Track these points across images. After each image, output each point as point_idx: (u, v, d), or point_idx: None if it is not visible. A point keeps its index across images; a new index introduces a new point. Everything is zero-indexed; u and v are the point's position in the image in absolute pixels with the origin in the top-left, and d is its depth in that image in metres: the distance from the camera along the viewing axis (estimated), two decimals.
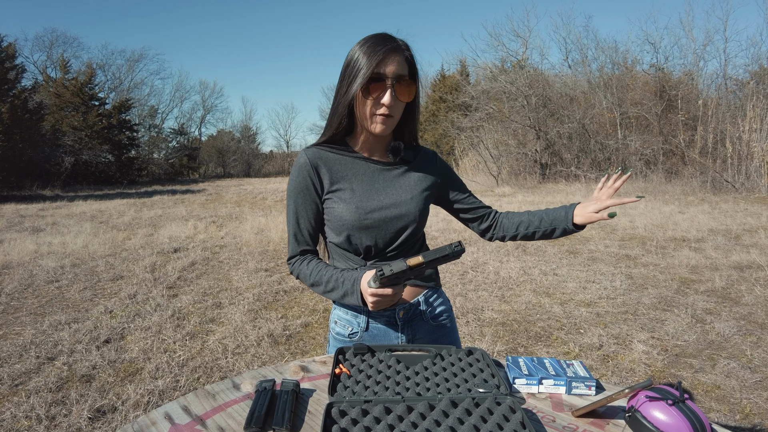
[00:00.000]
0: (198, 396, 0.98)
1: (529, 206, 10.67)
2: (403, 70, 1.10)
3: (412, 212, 1.20)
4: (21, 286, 4.95)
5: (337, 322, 1.28)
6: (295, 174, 1.20)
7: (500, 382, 0.96)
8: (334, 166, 1.19)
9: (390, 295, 1.02)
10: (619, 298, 4.30)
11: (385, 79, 1.08)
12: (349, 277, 1.12)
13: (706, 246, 6.17)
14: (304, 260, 1.21)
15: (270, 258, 6.16)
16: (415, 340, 1.26)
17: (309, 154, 1.19)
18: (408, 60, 1.12)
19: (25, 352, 3.30)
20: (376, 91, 1.09)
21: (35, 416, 2.46)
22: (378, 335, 1.24)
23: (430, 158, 1.30)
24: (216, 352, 3.31)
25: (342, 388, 0.96)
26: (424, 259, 0.99)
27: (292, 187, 1.21)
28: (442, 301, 1.32)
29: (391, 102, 1.09)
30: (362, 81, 1.07)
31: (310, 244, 1.23)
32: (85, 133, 23.23)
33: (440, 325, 1.29)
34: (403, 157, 1.24)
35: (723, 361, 3.02)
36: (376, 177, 1.20)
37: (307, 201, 1.19)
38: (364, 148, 1.22)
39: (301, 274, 1.20)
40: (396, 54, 1.09)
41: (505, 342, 3.43)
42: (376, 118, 1.12)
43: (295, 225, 1.21)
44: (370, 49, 1.08)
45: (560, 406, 0.95)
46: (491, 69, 19.99)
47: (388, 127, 1.14)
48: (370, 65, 1.06)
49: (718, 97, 15.19)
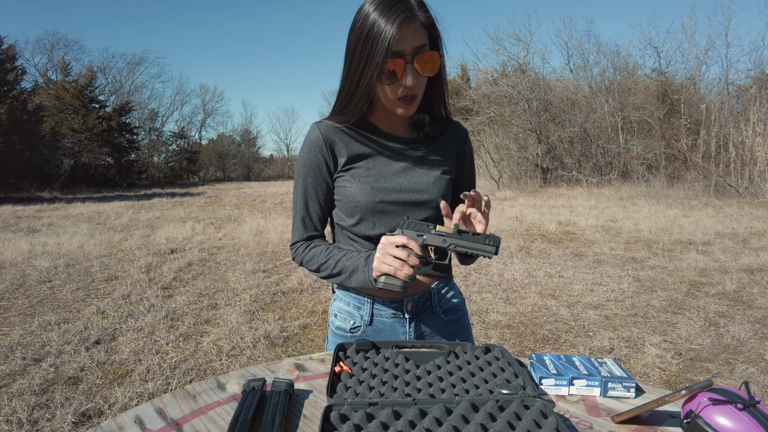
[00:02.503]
0: (176, 397, 0.85)
1: (531, 210, 10.55)
2: (422, 39, 0.92)
3: (434, 198, 1.06)
4: (12, 286, 4.81)
5: (337, 315, 1.14)
6: (306, 150, 1.06)
7: (526, 383, 0.83)
8: (349, 142, 1.05)
9: (403, 244, 0.90)
10: (627, 301, 4.16)
11: (404, 57, 0.91)
12: (364, 254, 1.00)
13: (714, 249, 6.04)
14: (310, 245, 1.08)
15: (268, 259, 6.02)
16: (425, 336, 1.13)
17: (322, 128, 1.05)
18: (424, 24, 0.92)
19: (11, 353, 3.16)
20: (395, 73, 0.92)
21: (16, 420, 2.32)
22: (383, 330, 1.10)
23: (459, 136, 1.13)
24: (210, 354, 3.17)
25: (343, 388, 0.83)
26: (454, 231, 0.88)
27: (302, 165, 1.07)
28: (455, 293, 1.17)
29: (413, 82, 0.92)
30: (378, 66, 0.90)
31: (319, 229, 1.11)
32: (85, 136, 23.13)
33: (453, 320, 1.15)
34: (428, 133, 1.08)
35: (741, 366, 2.88)
36: (397, 156, 1.06)
37: (317, 181, 1.06)
38: (383, 122, 1.07)
39: (305, 260, 1.08)
40: (411, 22, 0.89)
41: (511, 345, 3.29)
42: (397, 102, 0.96)
43: (303, 208, 1.08)
44: (379, 21, 0.89)
45: (596, 411, 0.82)
46: (492, 73, 19.91)
47: (412, 108, 0.98)
48: (384, 47, 0.88)
49: (720, 101, 15.10)
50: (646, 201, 11.35)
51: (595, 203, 11.37)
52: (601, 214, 9.45)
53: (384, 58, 0.89)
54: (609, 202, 11.46)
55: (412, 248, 0.91)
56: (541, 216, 9.33)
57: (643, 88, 17.42)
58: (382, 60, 0.89)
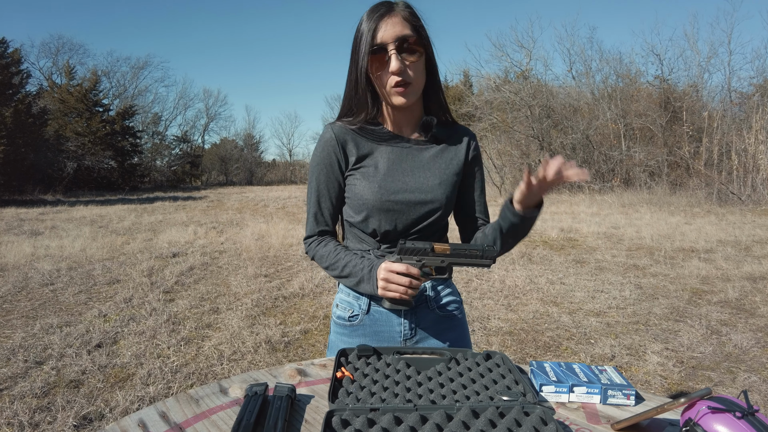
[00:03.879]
0: (179, 401, 0.86)
1: None
2: (403, 30, 1.00)
3: (438, 199, 1.10)
4: (14, 289, 4.83)
5: (338, 305, 1.19)
6: (320, 149, 1.12)
7: (526, 390, 0.83)
8: (360, 142, 1.10)
9: (403, 272, 0.95)
10: (629, 308, 4.15)
11: (386, 46, 1.00)
12: (367, 264, 1.05)
13: (716, 257, 6.02)
14: (322, 241, 1.14)
15: (270, 264, 6.03)
16: (419, 329, 1.15)
17: (335, 128, 1.11)
18: (406, 18, 1.02)
19: (12, 355, 3.17)
20: (380, 62, 1.01)
21: (18, 423, 2.33)
22: (380, 319, 1.14)
23: (466, 139, 1.17)
24: (211, 358, 3.18)
25: (344, 394, 0.84)
26: (451, 249, 0.90)
27: (315, 164, 1.13)
28: (451, 291, 1.20)
29: (399, 67, 0.99)
30: (365, 58, 1.01)
31: (330, 224, 1.16)
32: (88, 139, 23.25)
33: (447, 315, 1.18)
34: (435, 134, 1.13)
35: (743, 375, 2.87)
36: (404, 156, 1.11)
37: (330, 179, 1.12)
38: (392, 124, 1.12)
39: (316, 256, 1.14)
40: (390, 17, 1.00)
41: (512, 351, 3.28)
42: (392, 90, 1.03)
43: (316, 204, 1.14)
44: (366, 23, 1.02)
45: (596, 418, 0.83)
46: (495, 79, 19.97)
47: (408, 96, 1.03)
48: (367, 40, 1.00)
49: (722, 109, 15.11)
50: (649, 208, 11.34)
51: (597, 210, 11.37)
52: (603, 221, 9.45)
53: (368, 48, 1.00)
54: (611, 209, 11.46)
55: (412, 274, 0.97)
56: (543, 222, 9.32)
57: (645, 95, 17.45)
58: (367, 51, 1.00)
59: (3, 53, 17.93)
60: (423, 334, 1.15)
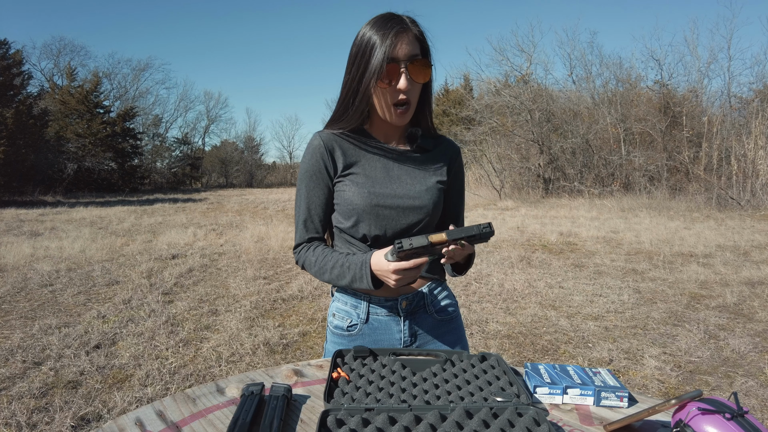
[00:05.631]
0: (176, 400, 0.87)
1: (532, 220, 10.56)
2: (414, 50, 1.02)
3: (426, 205, 1.12)
4: (14, 290, 4.83)
5: (335, 314, 1.19)
6: (308, 157, 1.13)
7: (520, 391, 0.84)
8: (348, 149, 1.12)
9: (412, 268, 0.94)
10: (627, 313, 4.16)
11: (399, 63, 1.00)
12: (356, 261, 1.05)
13: (715, 261, 6.03)
14: (311, 247, 1.14)
15: (269, 266, 6.04)
16: (418, 334, 1.17)
17: (323, 136, 1.12)
18: (417, 37, 1.04)
19: (11, 356, 3.17)
20: (390, 78, 1.01)
21: (15, 423, 2.33)
22: (379, 328, 1.15)
23: (452, 152, 1.21)
24: (209, 359, 3.18)
25: (340, 394, 0.84)
26: (448, 237, 0.90)
27: (304, 171, 1.14)
28: (447, 294, 1.23)
29: (407, 86, 1.01)
30: (376, 72, 1.00)
31: (320, 231, 1.16)
32: (89, 141, 23.26)
33: (445, 319, 1.20)
34: (421, 145, 1.16)
35: (740, 379, 2.88)
36: (392, 164, 1.13)
37: (319, 186, 1.13)
38: (380, 133, 1.15)
39: (306, 263, 1.14)
40: (405, 33, 1.01)
41: (510, 355, 3.29)
42: (393, 108, 1.05)
43: (306, 211, 1.14)
44: (377, 35, 1.01)
45: (589, 419, 0.83)
46: (495, 83, 20.01)
47: (407, 116, 1.07)
48: (382, 53, 0.99)
49: (722, 114, 15.14)
50: (648, 213, 11.35)
51: (596, 214, 11.38)
52: (603, 225, 9.45)
53: (382, 62, 0.99)
54: (610, 214, 11.47)
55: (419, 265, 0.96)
56: (542, 226, 9.33)
57: (645, 100, 17.48)
58: (380, 64, 0.99)
59: (5, 55, 17.97)
60: (423, 340, 1.17)
